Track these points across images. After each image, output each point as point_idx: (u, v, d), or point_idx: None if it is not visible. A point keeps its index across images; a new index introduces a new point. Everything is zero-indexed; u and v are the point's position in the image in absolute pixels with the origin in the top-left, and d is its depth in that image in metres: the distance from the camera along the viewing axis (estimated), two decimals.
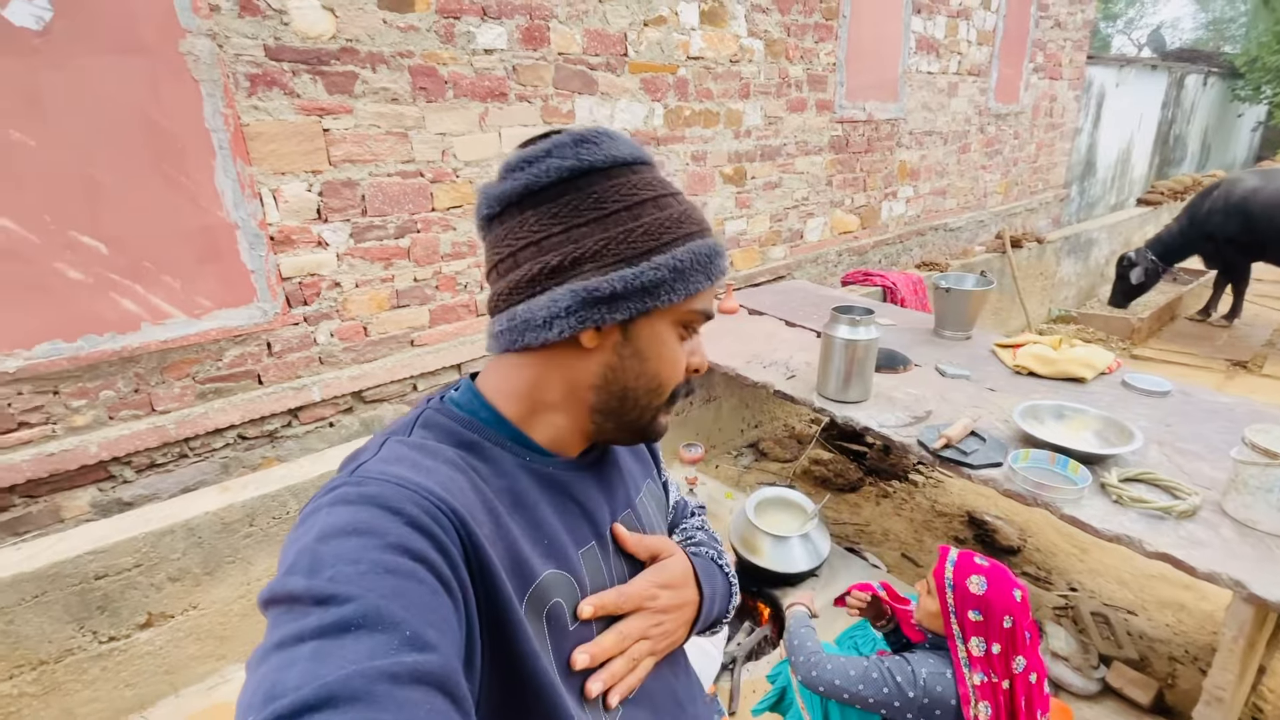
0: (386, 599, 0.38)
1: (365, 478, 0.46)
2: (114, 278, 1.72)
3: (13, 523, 1.69)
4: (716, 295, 0.54)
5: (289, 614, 0.37)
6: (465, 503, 0.48)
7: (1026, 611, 1.14)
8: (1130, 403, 1.94)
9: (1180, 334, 5.07)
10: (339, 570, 0.39)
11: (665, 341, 0.58)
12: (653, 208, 0.55)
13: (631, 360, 0.57)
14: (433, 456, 0.51)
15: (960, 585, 1.15)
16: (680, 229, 0.56)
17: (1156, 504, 1.40)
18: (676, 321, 0.58)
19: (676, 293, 0.55)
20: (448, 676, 0.38)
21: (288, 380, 2.07)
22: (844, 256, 3.99)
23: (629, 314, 0.54)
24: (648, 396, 0.59)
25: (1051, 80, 5.44)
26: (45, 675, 1.52)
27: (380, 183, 2.10)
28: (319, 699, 0.32)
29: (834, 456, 3.03)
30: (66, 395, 1.72)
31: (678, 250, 0.55)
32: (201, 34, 1.70)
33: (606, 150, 0.55)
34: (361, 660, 0.35)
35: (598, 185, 0.54)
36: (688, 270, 0.55)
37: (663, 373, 0.59)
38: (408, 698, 0.34)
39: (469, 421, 0.57)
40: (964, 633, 1.14)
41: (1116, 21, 19.58)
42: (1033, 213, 5.73)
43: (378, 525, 0.42)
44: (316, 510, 0.44)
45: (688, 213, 0.58)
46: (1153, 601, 2.16)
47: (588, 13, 2.46)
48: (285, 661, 0.35)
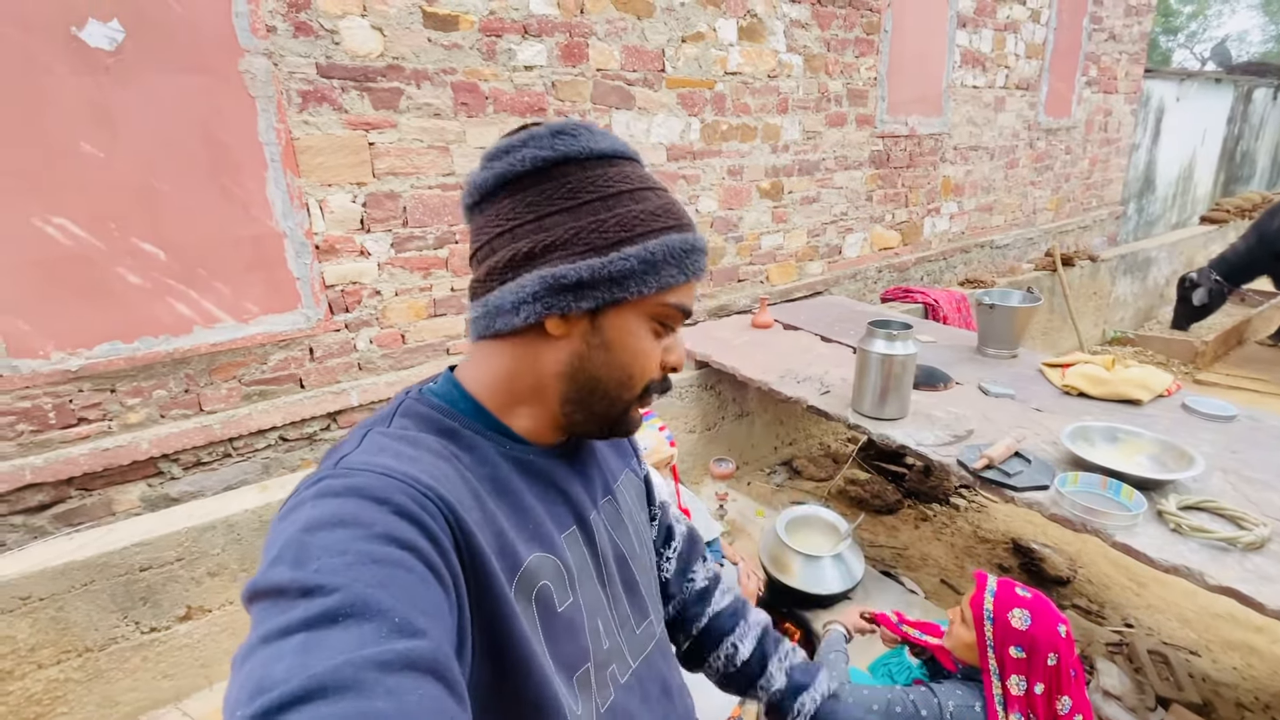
0: (374, 588, 0.37)
1: (350, 469, 0.45)
2: (170, 283, 1.81)
3: (68, 514, 1.77)
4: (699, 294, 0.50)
5: (275, 607, 0.37)
6: (452, 489, 0.48)
7: (1072, 647, 1.07)
8: (1191, 427, 1.83)
9: (1249, 359, 4.76)
10: (325, 562, 0.38)
11: (635, 334, 0.57)
12: (628, 200, 0.55)
13: (599, 350, 0.56)
14: (415, 445, 0.51)
15: (1001, 618, 1.08)
16: (655, 222, 0.55)
17: (1220, 534, 1.30)
18: (649, 315, 0.57)
19: (647, 285, 0.54)
20: (439, 661, 0.37)
21: (328, 385, 2.13)
22: (884, 273, 3.91)
23: (596, 303, 0.54)
24: (617, 389, 0.58)
25: (1106, 94, 5.25)
26: (89, 662, 1.58)
27: (421, 195, 2.16)
28: (308, 690, 0.32)
29: (871, 477, 2.94)
30: (122, 393, 1.81)
31: (650, 242, 0.54)
32: (259, 53, 1.80)
33: (584, 142, 0.55)
34: (350, 650, 0.34)
35: (572, 175, 0.54)
36: (660, 263, 0.54)
37: (632, 366, 0.57)
38: (398, 684, 0.34)
39: (447, 410, 0.57)
40: (1003, 669, 1.07)
41: (1178, 35, 18.86)
42: (1086, 230, 5.51)
43: (364, 516, 0.41)
44: (301, 503, 0.43)
45: (666, 207, 0.57)
46: (1218, 642, 2.01)
47: (627, 30, 2.50)
48: (272, 655, 0.34)
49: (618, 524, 0.68)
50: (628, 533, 0.69)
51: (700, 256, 0.58)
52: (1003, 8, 4.08)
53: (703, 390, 2.74)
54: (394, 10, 1.98)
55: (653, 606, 0.70)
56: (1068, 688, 1.04)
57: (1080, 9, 4.66)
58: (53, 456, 1.72)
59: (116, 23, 1.61)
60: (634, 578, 0.68)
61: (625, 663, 0.64)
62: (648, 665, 0.66)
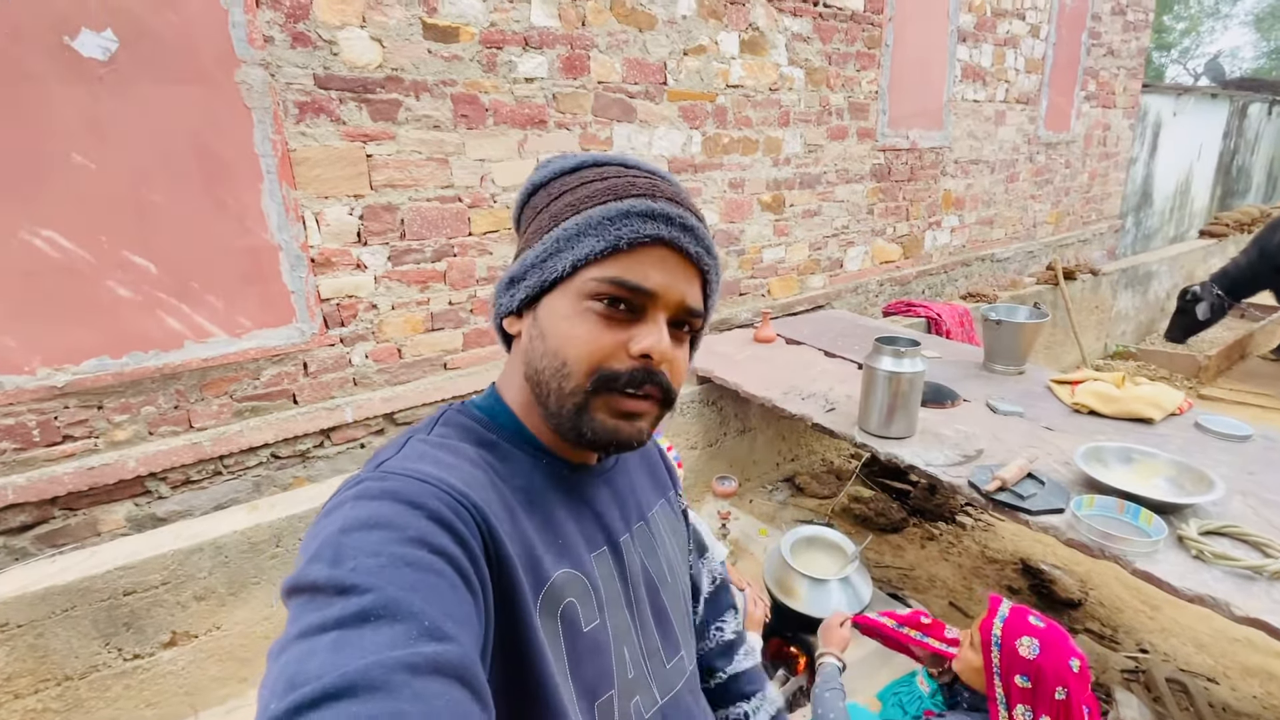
0: (406, 591, 0.38)
1: (388, 473, 0.46)
2: (161, 296, 1.76)
3: (51, 535, 1.71)
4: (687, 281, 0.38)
5: (311, 603, 0.38)
6: (485, 498, 0.48)
7: (1085, 684, 1.02)
8: (1206, 447, 1.79)
9: (1252, 373, 4.74)
10: (360, 562, 0.39)
11: (565, 316, 0.52)
12: (571, 193, 0.54)
13: (537, 340, 0.54)
14: (454, 454, 0.51)
15: (1008, 645, 1.05)
16: (591, 201, 0.52)
17: (1245, 561, 1.26)
18: (583, 295, 0.51)
19: (561, 260, 0.51)
20: (466, 668, 0.37)
21: (322, 400, 2.08)
22: (885, 286, 3.88)
23: (526, 292, 0.54)
24: (555, 379, 0.52)
25: (1105, 109, 5.27)
26: (69, 691, 1.51)
27: (419, 207, 2.13)
28: (339, 688, 0.32)
29: (875, 494, 2.89)
30: (110, 410, 1.76)
31: (574, 220, 0.52)
32: (255, 64, 1.77)
33: (554, 166, 0.57)
34: (381, 650, 0.34)
35: (536, 196, 0.57)
36: (576, 235, 0.51)
37: (564, 350, 0.51)
38: (426, 688, 0.34)
39: (488, 423, 0.57)
40: (1009, 698, 1.03)
41: (1170, 51, 19.05)
42: (1086, 244, 5.51)
43: (398, 519, 0.42)
44: (340, 504, 0.44)
45: (618, 185, 0.52)
46: (1237, 669, 1.95)
47: (628, 42, 2.48)
48: (307, 651, 0.35)
49: (650, 552, 0.65)
50: (660, 562, 0.66)
51: (640, 221, 0.50)
52: (1002, 23, 4.09)
53: (704, 406, 2.69)
54: (393, 21, 1.95)
55: (684, 642, 0.67)
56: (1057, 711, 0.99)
57: (1079, 25, 4.69)
58: (36, 475, 1.67)
59: (110, 32, 1.58)
60: (665, 609, 0.65)
61: (651, 696, 0.60)
62: (675, 704, 0.63)
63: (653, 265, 0.51)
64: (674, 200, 0.53)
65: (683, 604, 0.69)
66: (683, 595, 0.70)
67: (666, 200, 0.52)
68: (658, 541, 0.67)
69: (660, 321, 0.53)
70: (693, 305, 0.54)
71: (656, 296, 0.52)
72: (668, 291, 0.52)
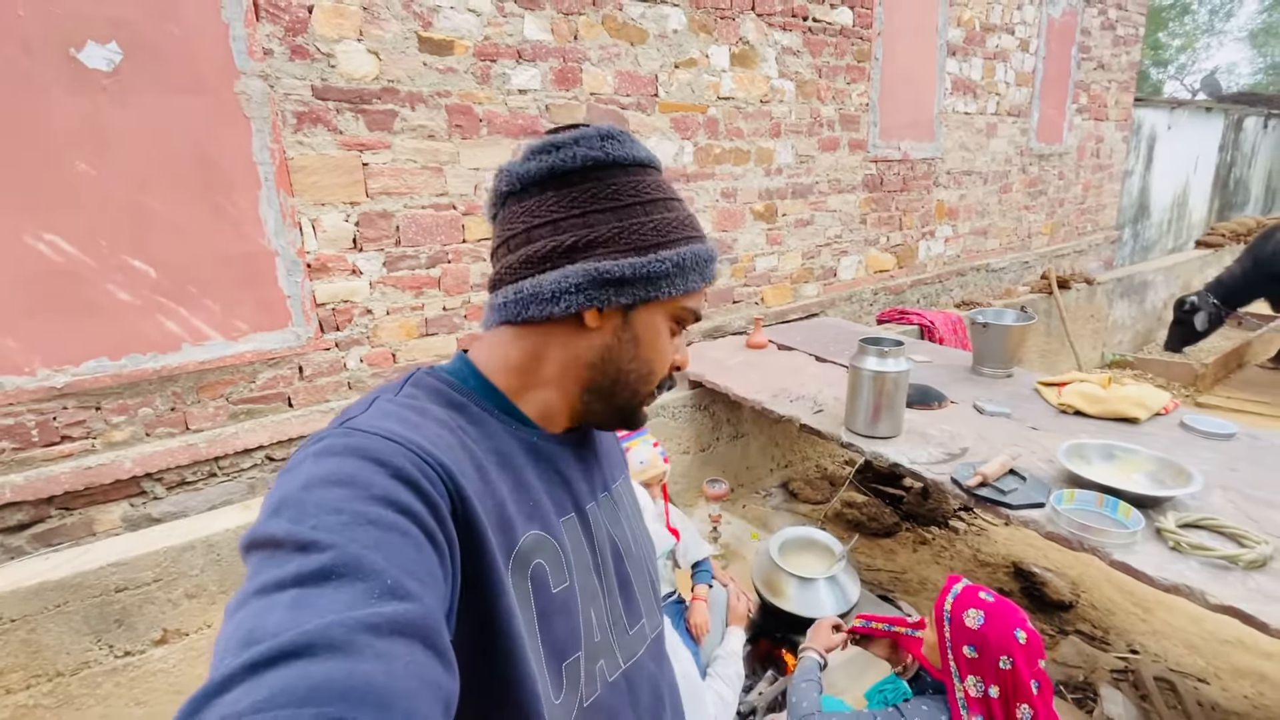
0: (368, 549, 0.38)
1: (353, 430, 0.46)
2: (160, 300, 1.81)
3: (47, 534, 1.74)
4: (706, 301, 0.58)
5: (271, 560, 0.37)
6: (453, 458, 0.48)
7: (1033, 657, 1.05)
8: (1190, 445, 1.80)
9: (1250, 382, 4.73)
10: (322, 519, 0.38)
11: (660, 332, 0.61)
12: (662, 208, 0.59)
13: (629, 345, 0.60)
14: (421, 414, 0.51)
15: (957, 618, 1.10)
16: (684, 230, 0.60)
17: (1221, 552, 1.27)
18: (671, 316, 0.61)
19: (676, 287, 0.58)
20: (429, 627, 0.37)
21: (316, 404, 2.11)
22: (880, 295, 3.92)
23: (633, 299, 0.57)
24: (638, 382, 0.61)
25: (1097, 121, 5.33)
26: (60, 687, 1.53)
27: (414, 214, 2.18)
28: (296, 646, 0.32)
29: (868, 500, 2.89)
30: (107, 411, 1.79)
31: (681, 249, 0.59)
32: (255, 75, 1.83)
33: (628, 149, 0.59)
34: (341, 609, 0.34)
35: (617, 179, 0.58)
36: (688, 269, 0.59)
37: (654, 361, 0.61)
38: (387, 649, 0.34)
39: (458, 386, 0.58)
40: (960, 670, 1.07)
41: (1167, 67, 19.23)
42: (1082, 254, 5.54)
43: (362, 476, 0.42)
44: (303, 460, 0.44)
45: (690, 218, 0.62)
46: (1227, 670, 1.94)
47: (620, 55, 2.55)
48: (265, 607, 0.34)
49: (615, 521, 0.68)
50: (624, 531, 0.69)
51: (716, 265, 0.63)
52: (991, 37, 4.17)
53: (696, 410, 2.71)
54: (390, 35, 2.02)
55: (646, 609, 0.69)
56: (1027, 696, 1.01)
57: (1068, 39, 4.76)
58: (34, 475, 1.70)
59: (115, 45, 1.64)
60: (628, 576, 0.67)
61: (615, 661, 0.62)
62: (638, 668, 0.65)
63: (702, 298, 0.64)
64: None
65: (645, 573, 0.71)
66: (646, 564, 0.72)
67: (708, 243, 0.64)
68: (622, 511, 0.70)
69: (684, 337, 0.66)
70: None
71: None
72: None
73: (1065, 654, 1.93)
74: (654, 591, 0.73)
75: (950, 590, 1.11)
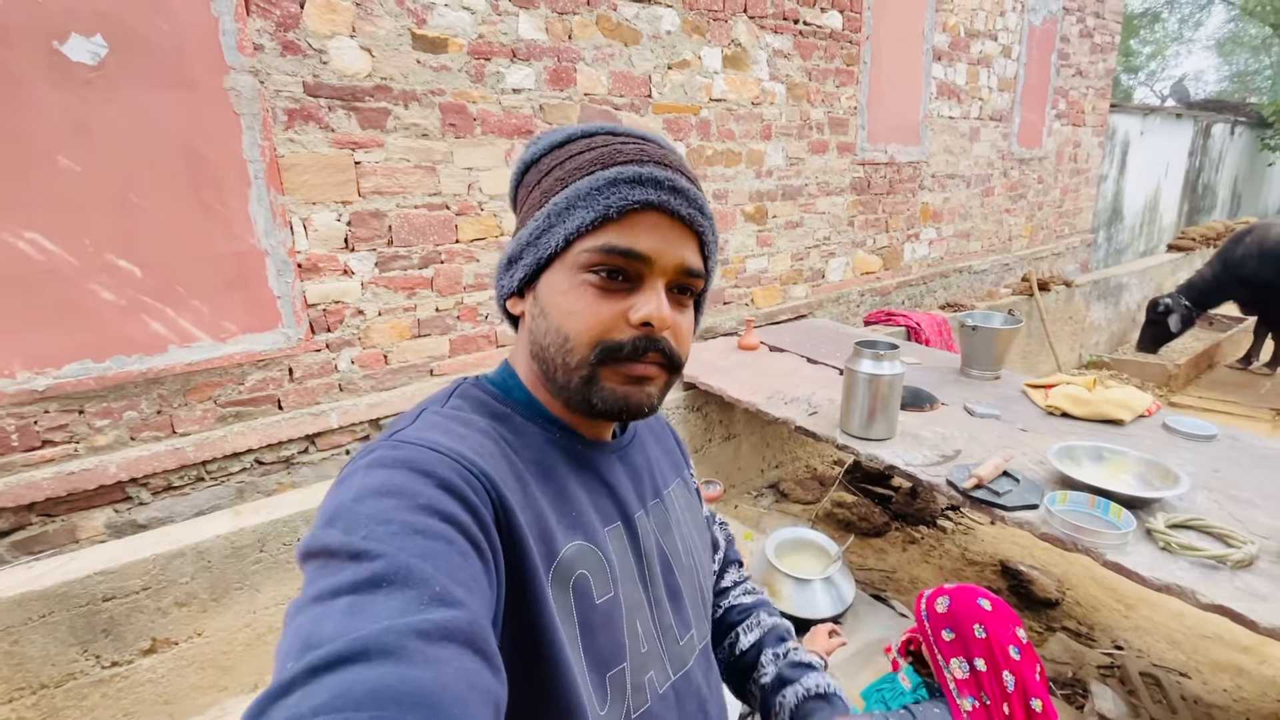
0: (416, 558, 0.39)
1: (400, 442, 0.47)
2: (146, 300, 1.76)
3: (28, 541, 1.69)
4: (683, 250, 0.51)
5: (326, 568, 0.39)
6: (496, 468, 0.49)
7: (1005, 623, 1.10)
8: (1173, 447, 1.85)
9: (1220, 382, 4.88)
10: (372, 529, 0.40)
11: (563, 291, 0.52)
12: (561, 167, 0.53)
13: (539, 318, 0.54)
14: (466, 425, 0.52)
15: (931, 610, 1.16)
16: (581, 172, 0.51)
17: (1209, 552, 1.31)
18: (578, 268, 0.51)
19: (554, 235, 0.51)
20: (476, 633, 0.38)
21: (307, 406, 2.08)
22: (866, 297, 3.96)
23: (524, 272, 0.54)
24: (560, 354, 0.53)
25: (1075, 127, 5.45)
26: (44, 700, 1.49)
27: (407, 214, 2.15)
28: (353, 651, 0.33)
29: (858, 499, 2.93)
30: (91, 415, 1.74)
31: (563, 193, 0.51)
32: (245, 71, 1.79)
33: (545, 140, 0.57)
34: (393, 616, 0.35)
35: (545, 157, 0.56)
36: (566, 209, 0.51)
37: (565, 325, 0.52)
38: (437, 655, 0.35)
39: (501, 396, 0.58)
40: (945, 658, 1.10)
41: (1138, 74, 19.72)
42: (1059, 257, 5.66)
43: (410, 487, 0.43)
44: (354, 472, 0.45)
45: (607, 153, 0.52)
46: (1207, 664, 2.00)
47: (614, 56, 2.54)
48: (321, 614, 0.36)
49: (665, 529, 0.66)
50: (675, 540, 0.66)
51: (628, 188, 0.50)
52: (975, 43, 4.23)
53: (689, 412, 2.72)
54: (383, 32, 1.99)
55: (696, 620, 0.67)
56: (1007, 663, 1.05)
57: (1048, 46, 4.86)
58: (14, 480, 1.64)
59: (100, 38, 1.59)
60: (678, 586, 0.65)
61: (664, 672, 0.61)
62: (687, 680, 0.63)
63: (644, 231, 0.51)
64: (663, 164, 0.52)
65: (697, 582, 0.68)
66: (697, 574, 0.69)
67: (655, 164, 0.52)
68: (673, 519, 0.67)
69: (658, 288, 0.52)
70: (691, 266, 0.54)
71: (651, 262, 0.51)
72: (662, 256, 0.52)
73: (1054, 651, 1.97)
74: (704, 601, 0.71)
75: (923, 595, 1.17)
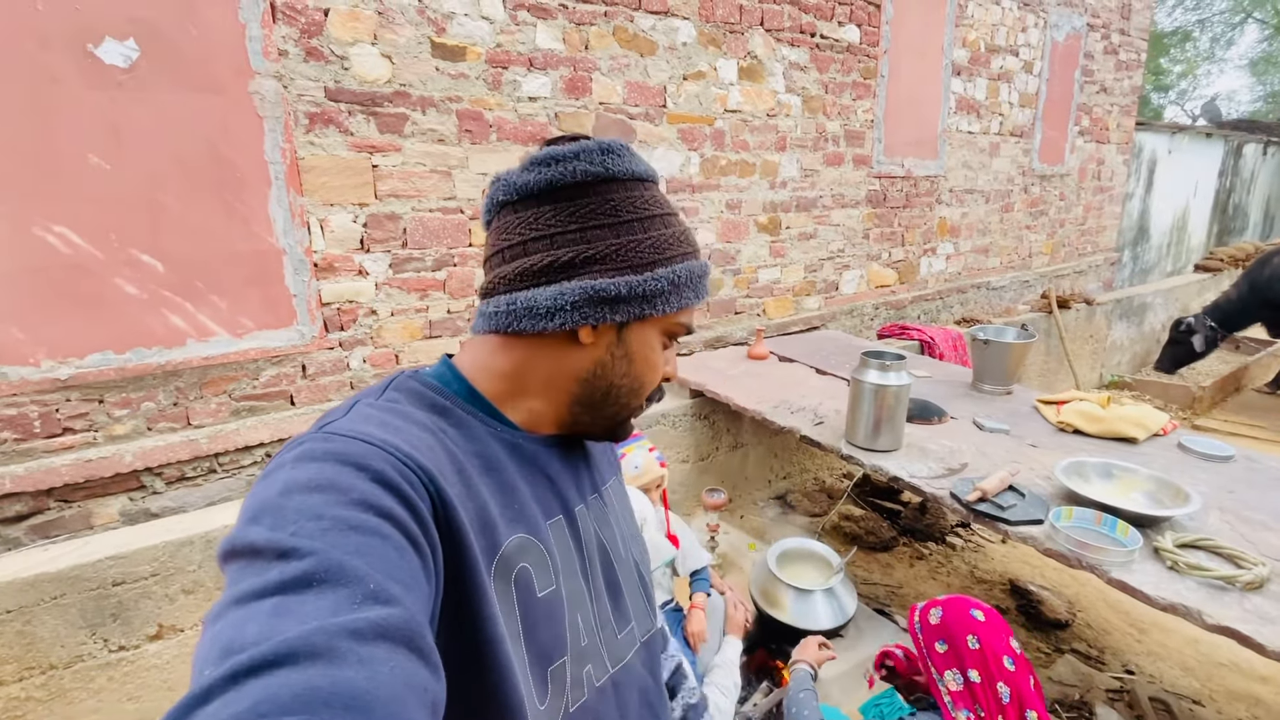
0: (350, 555, 0.37)
1: (332, 434, 0.45)
2: (167, 294, 1.81)
3: (45, 525, 1.74)
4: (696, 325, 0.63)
5: (250, 568, 0.37)
6: (435, 461, 0.48)
7: (999, 635, 1.08)
8: (1188, 466, 1.81)
9: (1247, 405, 4.75)
10: (302, 525, 0.38)
11: (653, 348, 0.62)
12: (660, 224, 0.60)
13: (621, 361, 0.60)
14: (403, 418, 0.51)
15: (924, 622, 1.16)
16: (679, 247, 0.61)
17: (1218, 572, 1.27)
18: (664, 331, 0.62)
19: (670, 304, 0.59)
20: (413, 632, 0.36)
21: (318, 403, 2.12)
22: (881, 310, 3.93)
23: (628, 317, 0.58)
24: (628, 396, 0.62)
25: (1099, 144, 5.38)
26: (53, 680, 1.52)
27: (422, 217, 2.19)
28: (278, 655, 0.31)
29: (866, 513, 2.89)
30: (110, 404, 1.79)
31: (676, 266, 0.59)
32: (269, 75, 1.85)
33: (628, 164, 0.58)
34: (323, 616, 0.33)
35: (615, 194, 0.57)
36: (683, 286, 0.60)
37: (645, 376, 0.62)
38: (371, 654, 0.33)
39: (441, 390, 0.57)
40: (939, 670, 1.09)
41: (1169, 93, 19.43)
42: (1081, 275, 5.57)
43: (342, 481, 0.41)
44: (281, 466, 0.43)
45: (686, 234, 0.63)
46: (1222, 692, 1.94)
47: (629, 66, 2.58)
48: (244, 616, 0.34)
49: (604, 523, 0.67)
50: (614, 534, 0.68)
51: (708, 281, 0.64)
52: (996, 58, 4.22)
53: (697, 420, 2.72)
54: (403, 39, 2.04)
55: (635, 613, 0.69)
56: (1001, 675, 1.03)
57: (1071, 62, 4.82)
58: (34, 466, 1.70)
59: (133, 42, 1.66)
60: (617, 580, 0.67)
61: (603, 665, 0.62)
62: (626, 672, 0.64)
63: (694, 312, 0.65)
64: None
65: (634, 576, 0.71)
66: (634, 568, 0.71)
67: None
68: (611, 513, 0.69)
69: (674, 350, 0.67)
70: None
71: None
72: None
73: (1061, 672, 1.92)
74: (645, 594, 0.72)
75: (915, 607, 1.16)
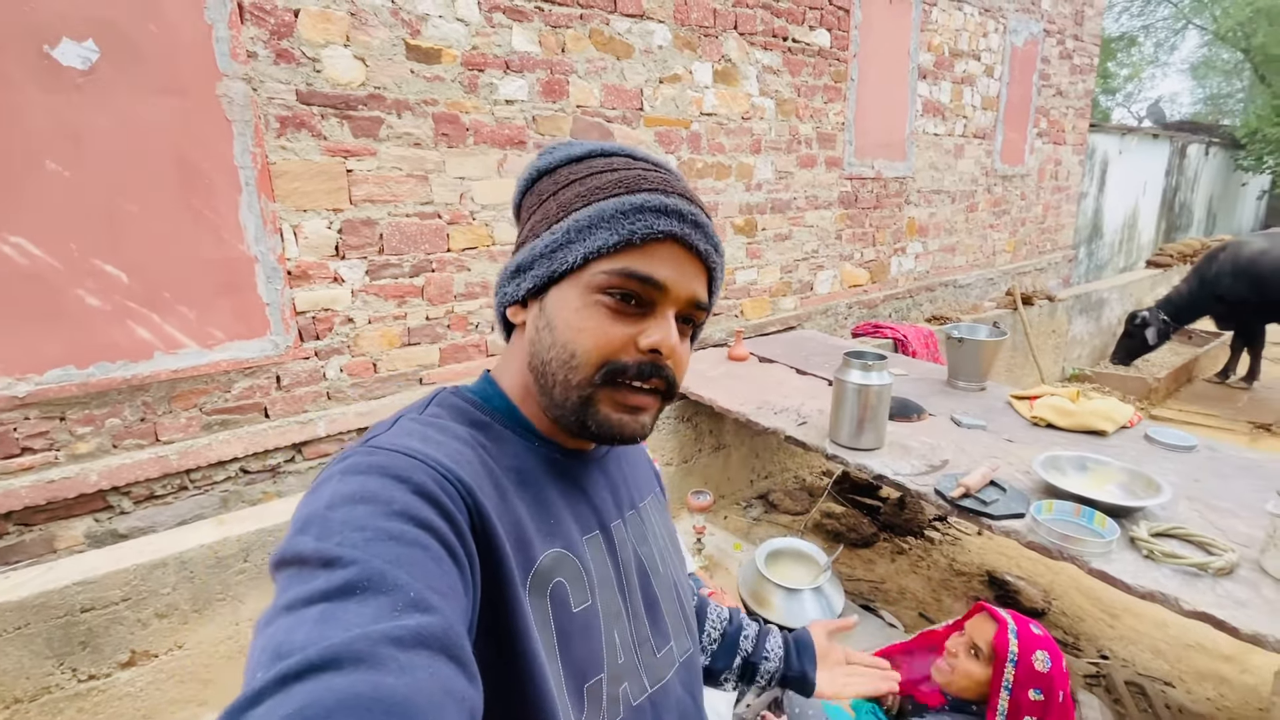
0: (390, 564, 0.38)
1: (376, 448, 0.47)
2: (132, 306, 1.74)
3: (4, 551, 1.65)
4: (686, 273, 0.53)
5: (298, 576, 0.38)
6: (473, 475, 0.48)
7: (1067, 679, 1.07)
8: (1155, 457, 1.88)
9: (1199, 395, 4.98)
10: (345, 536, 0.39)
11: (575, 308, 0.53)
12: (579, 184, 0.54)
13: (545, 331, 0.54)
14: (443, 432, 0.52)
15: (1025, 661, 1.07)
16: (601, 192, 0.52)
17: (1191, 560, 1.33)
18: (593, 288, 0.52)
19: (572, 252, 0.52)
20: (451, 640, 0.37)
21: (294, 414, 2.06)
22: (854, 309, 4.00)
23: (533, 282, 0.54)
24: (562, 370, 0.53)
25: (1055, 145, 5.57)
26: (18, 715, 1.44)
27: (399, 222, 2.15)
28: (324, 660, 0.33)
29: (846, 510, 2.94)
30: (73, 422, 1.71)
31: (583, 211, 0.52)
32: (238, 78, 1.78)
33: (562, 153, 0.57)
34: (366, 623, 0.35)
35: (543, 183, 0.57)
36: (589, 228, 0.51)
37: (573, 342, 0.52)
38: (411, 661, 0.34)
39: (481, 405, 0.58)
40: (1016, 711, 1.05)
41: (1115, 95, 20.25)
42: (1042, 272, 5.76)
43: (384, 493, 0.42)
44: (329, 478, 0.45)
45: (628, 177, 0.53)
46: (1190, 673, 2.03)
47: (606, 69, 2.57)
48: (293, 623, 0.35)
49: (642, 540, 0.66)
50: (652, 551, 0.66)
51: (653, 217, 0.51)
52: (959, 62, 4.33)
53: (680, 422, 2.72)
54: (377, 41, 2.00)
55: (674, 631, 0.67)
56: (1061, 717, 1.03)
57: (1029, 66, 4.98)
58: None
59: (92, 43, 1.58)
60: (656, 598, 0.65)
61: (640, 684, 0.60)
62: (664, 692, 0.63)
63: (663, 260, 0.52)
64: (685, 197, 0.54)
65: (674, 595, 0.68)
66: (674, 586, 0.69)
67: (678, 196, 0.53)
68: (649, 530, 0.68)
69: (669, 317, 0.54)
70: (701, 299, 0.56)
71: (666, 291, 0.53)
72: (676, 286, 0.53)
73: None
74: (684, 613, 0.70)
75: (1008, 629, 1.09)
